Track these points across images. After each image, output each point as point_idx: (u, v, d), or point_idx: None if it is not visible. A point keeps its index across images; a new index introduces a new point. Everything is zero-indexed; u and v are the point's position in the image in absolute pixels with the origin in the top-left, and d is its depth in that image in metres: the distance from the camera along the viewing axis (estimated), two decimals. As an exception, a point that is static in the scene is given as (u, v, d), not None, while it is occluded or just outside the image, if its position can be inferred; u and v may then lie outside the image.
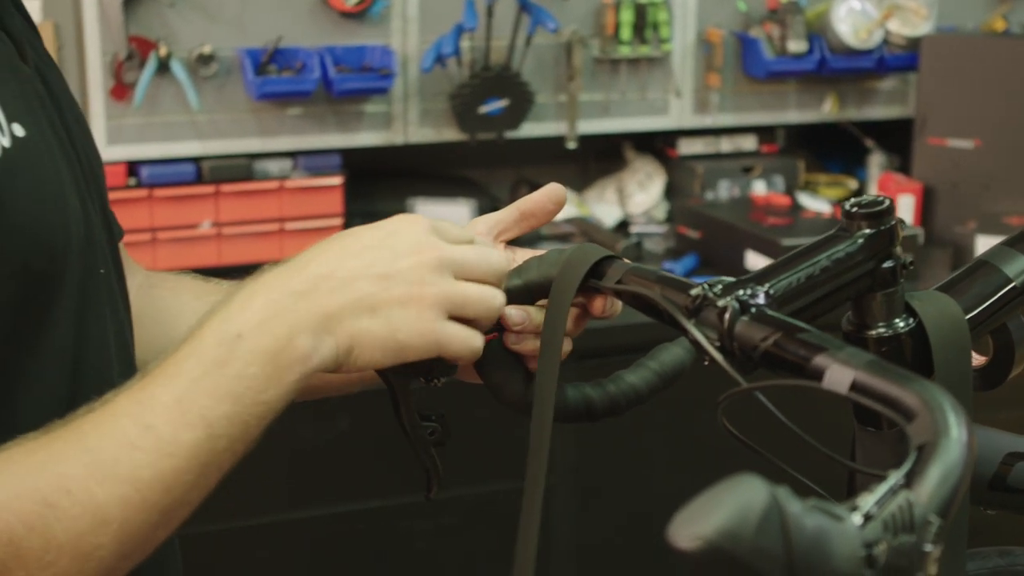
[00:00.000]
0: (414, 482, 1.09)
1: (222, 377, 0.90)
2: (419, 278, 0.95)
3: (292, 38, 2.62)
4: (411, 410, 1.10)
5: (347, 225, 2.74)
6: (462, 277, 0.99)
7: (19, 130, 0.94)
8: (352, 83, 2.62)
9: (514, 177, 3.08)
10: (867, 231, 1.00)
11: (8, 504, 0.85)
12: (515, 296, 1.08)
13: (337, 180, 2.71)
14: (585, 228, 2.88)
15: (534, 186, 3.00)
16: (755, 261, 2.64)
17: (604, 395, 1.16)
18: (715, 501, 0.66)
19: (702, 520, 0.65)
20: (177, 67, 2.53)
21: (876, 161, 3.17)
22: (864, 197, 1.01)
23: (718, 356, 0.93)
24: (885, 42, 2.99)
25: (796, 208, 2.86)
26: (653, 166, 3.08)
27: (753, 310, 0.94)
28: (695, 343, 0.96)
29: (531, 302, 1.09)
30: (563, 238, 2.84)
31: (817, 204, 2.88)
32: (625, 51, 2.86)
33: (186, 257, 2.58)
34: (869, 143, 3.19)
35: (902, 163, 3.13)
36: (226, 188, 2.64)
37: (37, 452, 0.88)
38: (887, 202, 1.00)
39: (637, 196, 3.03)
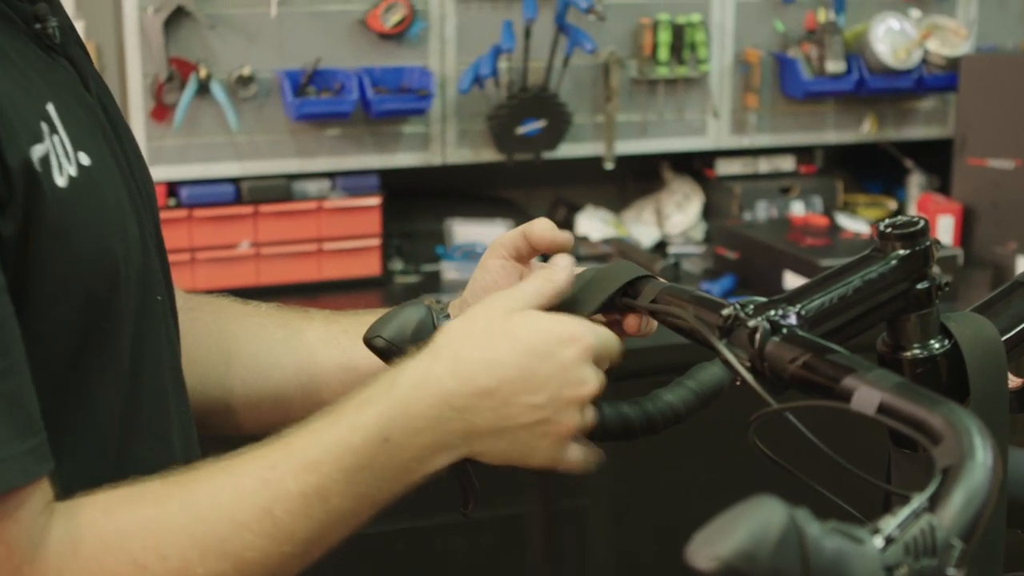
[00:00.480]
0: (451, 501, 1.09)
1: (358, 482, 0.92)
2: (568, 415, 0.97)
3: (331, 60, 2.63)
4: None
5: (385, 246, 2.75)
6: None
7: (85, 159, 0.95)
8: (390, 104, 2.63)
9: (552, 197, 3.09)
10: (901, 252, 1.00)
11: (96, 555, 0.86)
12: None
13: (375, 201, 2.72)
14: (623, 248, 2.88)
15: (571, 206, 3.02)
16: (793, 282, 2.63)
17: (641, 414, 1.16)
18: (733, 522, 0.66)
19: (720, 541, 0.65)
20: (217, 88, 2.55)
21: (915, 181, 3.15)
22: (898, 218, 1.01)
23: (748, 376, 0.93)
24: (924, 62, 2.97)
25: (835, 229, 2.85)
26: (691, 186, 3.07)
27: (784, 331, 0.94)
28: (726, 363, 0.96)
29: None
30: (601, 258, 2.84)
31: (855, 225, 2.86)
32: (663, 72, 2.86)
33: (225, 277, 2.59)
34: (908, 163, 3.18)
35: (941, 183, 3.11)
36: (265, 208, 2.65)
37: (143, 506, 0.89)
38: (922, 223, 1.00)
39: (675, 217, 3.03)
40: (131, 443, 1.01)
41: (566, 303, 1.09)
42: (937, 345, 1.01)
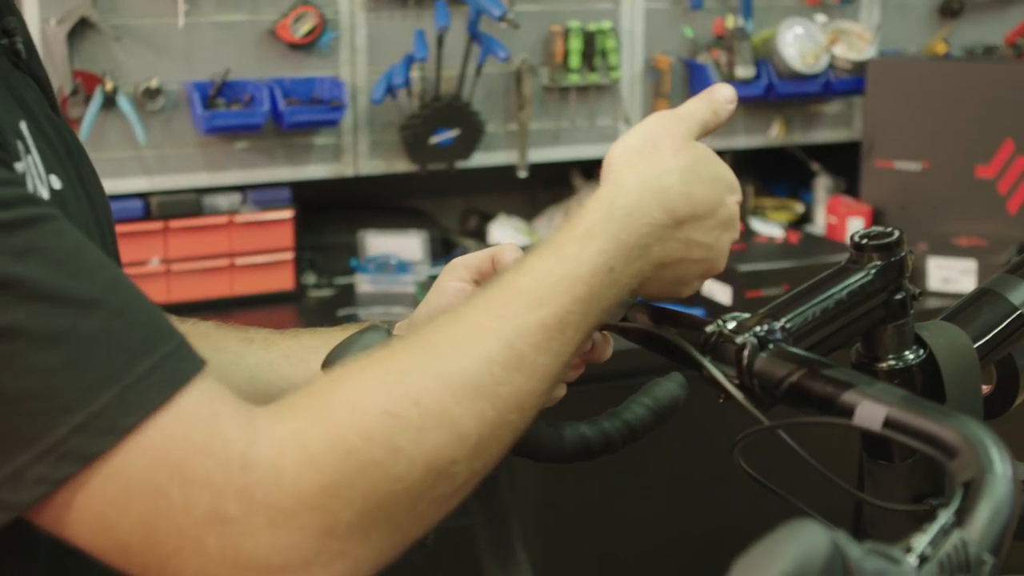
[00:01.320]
0: None
1: (590, 312, 0.93)
2: (723, 256, 1.03)
3: (240, 71, 2.58)
4: None
5: (298, 260, 2.70)
6: None
7: (56, 182, 0.91)
8: (303, 115, 2.58)
9: (464, 207, 3.06)
10: (878, 263, 0.99)
11: (344, 417, 0.82)
12: None
13: (287, 214, 2.68)
14: (538, 257, 2.86)
15: (484, 216, 2.99)
16: (711, 288, 2.64)
17: (600, 434, 1.15)
18: (777, 548, 0.64)
19: (765, 568, 0.63)
20: (123, 102, 2.49)
21: (822, 184, 3.18)
22: (873, 229, 1.01)
23: (738, 394, 0.91)
24: (831, 66, 3.01)
25: (749, 233, 2.87)
26: (602, 193, 3.06)
27: (771, 346, 0.92)
28: (711, 381, 0.94)
29: None
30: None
31: (770, 229, 2.88)
32: (574, 79, 2.86)
33: (135, 295, 2.52)
34: (815, 166, 3.21)
35: (848, 186, 3.15)
36: (175, 224, 2.59)
37: (376, 363, 0.87)
38: (897, 233, 1.00)
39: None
40: None
41: None
42: (912, 355, 1.01)
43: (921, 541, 0.69)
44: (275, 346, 1.22)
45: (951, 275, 2.74)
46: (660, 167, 0.99)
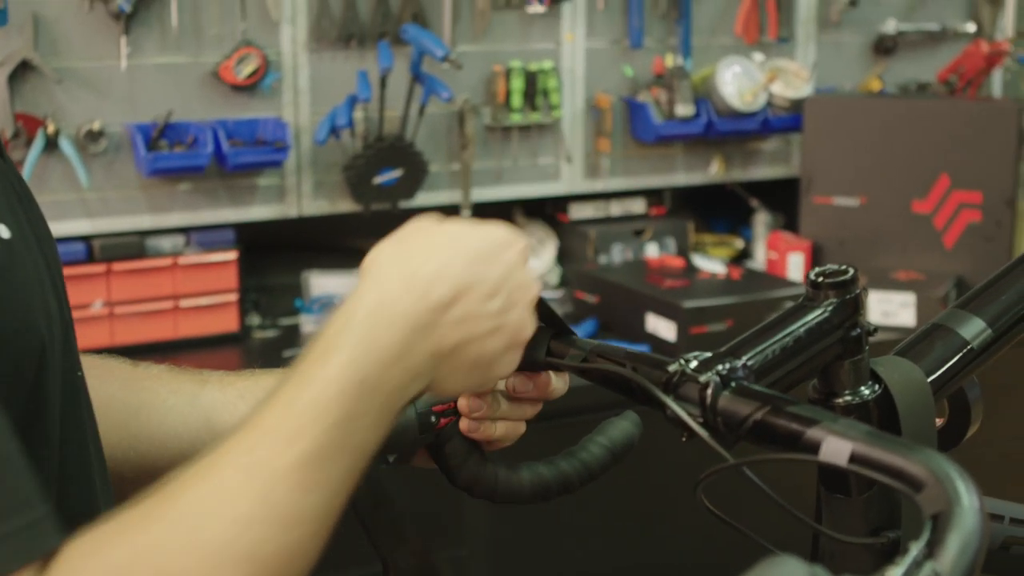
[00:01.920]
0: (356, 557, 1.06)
1: (355, 432, 0.86)
2: (522, 318, 0.96)
3: (183, 112, 2.58)
4: (367, 497, 1.08)
5: (243, 301, 2.70)
6: None
7: (4, 232, 0.88)
8: (247, 157, 2.58)
9: (407, 246, 3.06)
10: (834, 300, 1.01)
11: None
12: None
13: (231, 255, 2.67)
14: (482, 295, 2.87)
15: (428, 255, 3.00)
16: (656, 324, 2.66)
17: (558, 475, 1.16)
18: None
19: None
20: (65, 144, 2.48)
21: (762, 220, 3.22)
22: (828, 267, 1.02)
23: (702, 432, 0.92)
24: (769, 104, 3.05)
25: (691, 269, 2.89)
26: (544, 231, 3.09)
27: (734, 384, 0.94)
28: (675, 420, 0.95)
29: None
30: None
31: (711, 265, 2.91)
32: (516, 118, 2.88)
33: (78, 339, 2.50)
34: (754, 203, 3.25)
35: (787, 222, 3.19)
36: (118, 267, 2.58)
37: (130, 536, 0.81)
38: (851, 271, 1.02)
39: (530, 262, 3.03)
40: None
41: None
42: (868, 391, 1.03)
43: (895, 573, 0.70)
44: (231, 386, 1.20)
45: (890, 308, 2.78)
46: (406, 256, 0.91)
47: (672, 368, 0.96)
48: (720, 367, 0.94)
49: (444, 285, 0.90)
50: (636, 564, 2.65)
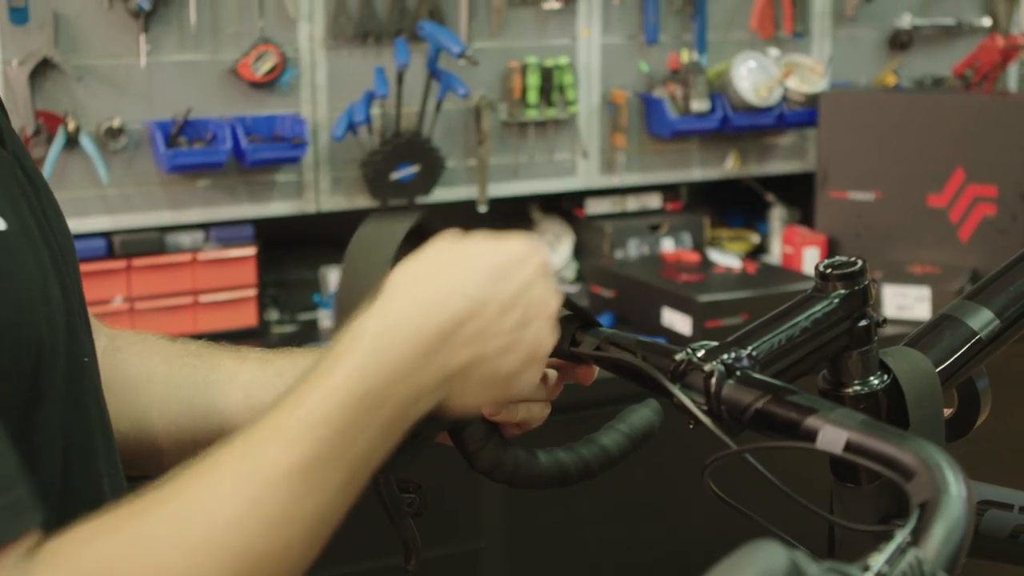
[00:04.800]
0: (378, 547, 1.08)
1: (347, 445, 0.87)
2: (541, 333, 0.94)
3: (202, 109, 2.60)
4: (391, 482, 1.09)
5: (261, 296, 2.72)
6: None
7: (1, 224, 0.89)
8: (265, 153, 2.60)
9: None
10: (842, 291, 1.02)
11: None
12: None
13: (250, 251, 2.69)
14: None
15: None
16: (672, 319, 2.67)
17: (578, 460, 1.17)
18: (738, 567, 0.67)
19: None
20: (86, 141, 2.50)
21: (777, 215, 3.23)
22: (836, 259, 1.04)
23: (706, 420, 0.94)
24: (784, 99, 3.06)
25: (707, 264, 2.91)
26: (561, 227, 3.10)
27: (738, 373, 0.95)
28: (681, 407, 0.97)
29: None
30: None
31: (727, 259, 2.92)
32: (532, 114, 2.89)
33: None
34: (770, 198, 3.25)
35: (803, 216, 3.19)
36: (138, 262, 2.60)
37: (123, 529, 0.83)
38: (860, 263, 1.03)
39: (549, 275, 3.04)
40: (64, 519, 0.97)
41: None
42: (876, 381, 1.04)
43: (878, 560, 0.71)
44: (269, 364, 1.20)
45: (905, 302, 2.79)
46: (422, 275, 0.91)
47: (679, 357, 0.97)
48: (725, 356, 0.96)
49: (456, 304, 0.90)
50: (652, 557, 2.66)
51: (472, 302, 0.90)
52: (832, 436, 0.86)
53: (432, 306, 0.90)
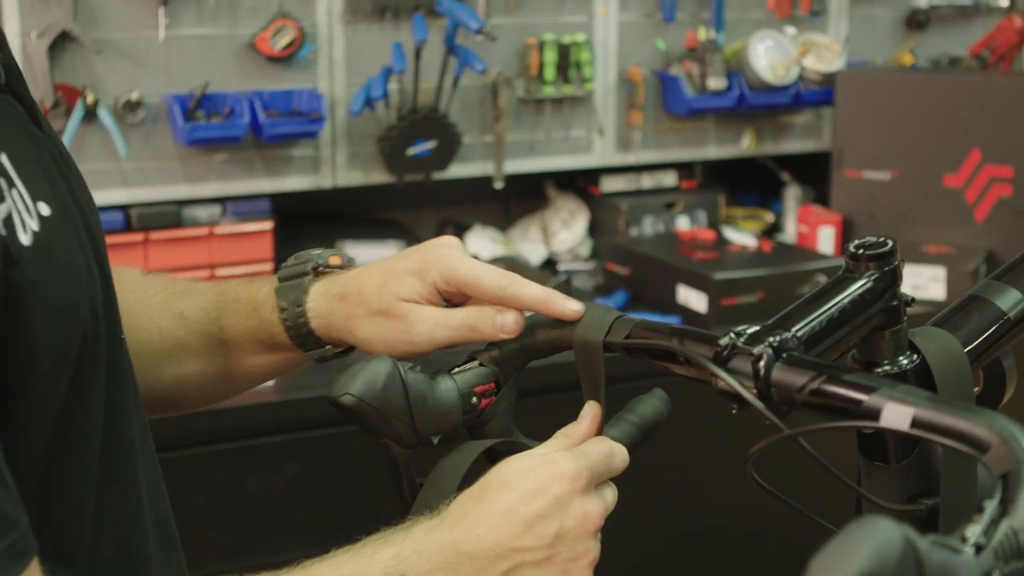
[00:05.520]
0: (365, 528, 1.09)
1: None
2: (581, 546, 1.01)
3: (219, 83, 2.60)
4: (412, 479, 1.10)
5: (277, 271, 2.71)
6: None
7: (44, 208, 0.90)
8: (282, 128, 2.60)
9: (440, 218, 3.09)
10: (875, 272, 1.02)
11: None
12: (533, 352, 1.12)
13: (267, 225, 2.70)
14: (514, 267, 2.90)
15: (459, 226, 3.02)
16: (687, 296, 2.67)
17: None
18: (853, 545, 0.67)
19: (844, 564, 0.66)
20: (104, 114, 2.50)
21: (792, 194, 3.23)
22: (867, 239, 1.04)
23: (758, 403, 0.94)
24: (801, 78, 3.05)
25: (722, 242, 2.91)
26: (576, 204, 3.10)
27: (785, 355, 0.95)
28: (727, 393, 0.97)
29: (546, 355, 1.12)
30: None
31: (742, 238, 2.92)
32: (549, 91, 2.89)
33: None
34: (785, 176, 3.25)
35: (818, 195, 3.20)
36: (155, 236, 2.61)
37: None
38: (891, 243, 1.03)
39: (561, 234, 3.05)
40: (103, 493, 0.98)
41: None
42: (906, 360, 1.05)
43: (975, 532, 0.72)
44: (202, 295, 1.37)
45: (921, 282, 2.79)
46: (466, 496, 1.02)
47: (723, 342, 0.97)
48: (771, 339, 0.96)
49: (488, 524, 0.99)
50: (667, 544, 2.67)
51: (501, 524, 0.99)
52: (898, 413, 0.86)
53: (468, 524, 0.99)
